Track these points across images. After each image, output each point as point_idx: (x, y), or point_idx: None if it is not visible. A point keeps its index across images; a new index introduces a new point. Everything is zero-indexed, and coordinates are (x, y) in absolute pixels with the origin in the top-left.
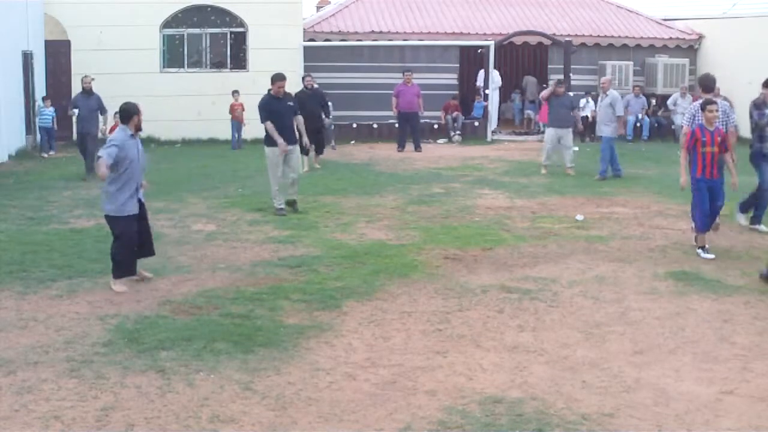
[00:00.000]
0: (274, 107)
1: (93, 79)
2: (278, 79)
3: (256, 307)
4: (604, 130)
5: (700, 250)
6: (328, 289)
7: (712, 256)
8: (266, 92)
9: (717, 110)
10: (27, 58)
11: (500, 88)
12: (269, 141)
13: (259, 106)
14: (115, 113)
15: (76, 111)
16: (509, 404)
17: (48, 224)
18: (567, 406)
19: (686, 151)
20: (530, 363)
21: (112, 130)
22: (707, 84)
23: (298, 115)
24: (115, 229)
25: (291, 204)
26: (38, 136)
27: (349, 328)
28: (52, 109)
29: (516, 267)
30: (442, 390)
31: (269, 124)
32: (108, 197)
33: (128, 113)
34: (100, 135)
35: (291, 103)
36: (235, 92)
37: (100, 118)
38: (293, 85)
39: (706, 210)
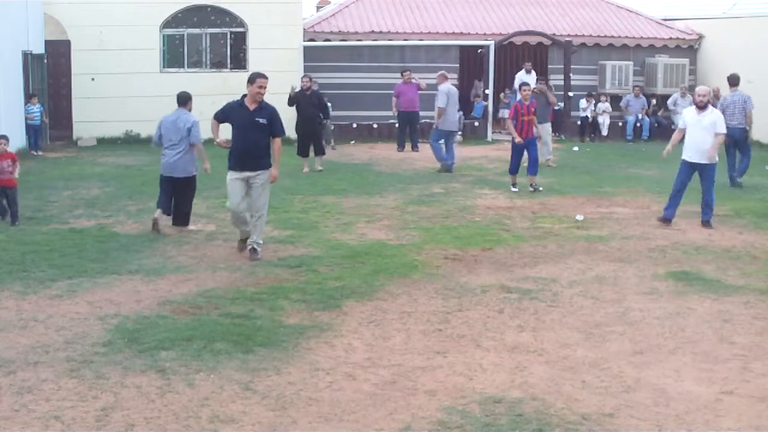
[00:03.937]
0: (235, 119)
1: None
2: (258, 77)
3: (256, 307)
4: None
5: (512, 186)
6: (328, 289)
7: (516, 189)
8: (240, 97)
9: (528, 90)
10: (27, 58)
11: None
12: (229, 161)
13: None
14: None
15: None
16: (509, 404)
17: (48, 224)
18: (567, 406)
19: (511, 120)
20: (530, 363)
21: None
22: (732, 78)
23: (276, 138)
24: (194, 186)
25: (248, 246)
26: (26, 135)
27: (349, 328)
28: (39, 106)
29: (516, 267)
30: (442, 390)
31: (214, 121)
32: (192, 161)
33: (189, 96)
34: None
35: (263, 121)
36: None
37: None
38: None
39: (519, 160)
